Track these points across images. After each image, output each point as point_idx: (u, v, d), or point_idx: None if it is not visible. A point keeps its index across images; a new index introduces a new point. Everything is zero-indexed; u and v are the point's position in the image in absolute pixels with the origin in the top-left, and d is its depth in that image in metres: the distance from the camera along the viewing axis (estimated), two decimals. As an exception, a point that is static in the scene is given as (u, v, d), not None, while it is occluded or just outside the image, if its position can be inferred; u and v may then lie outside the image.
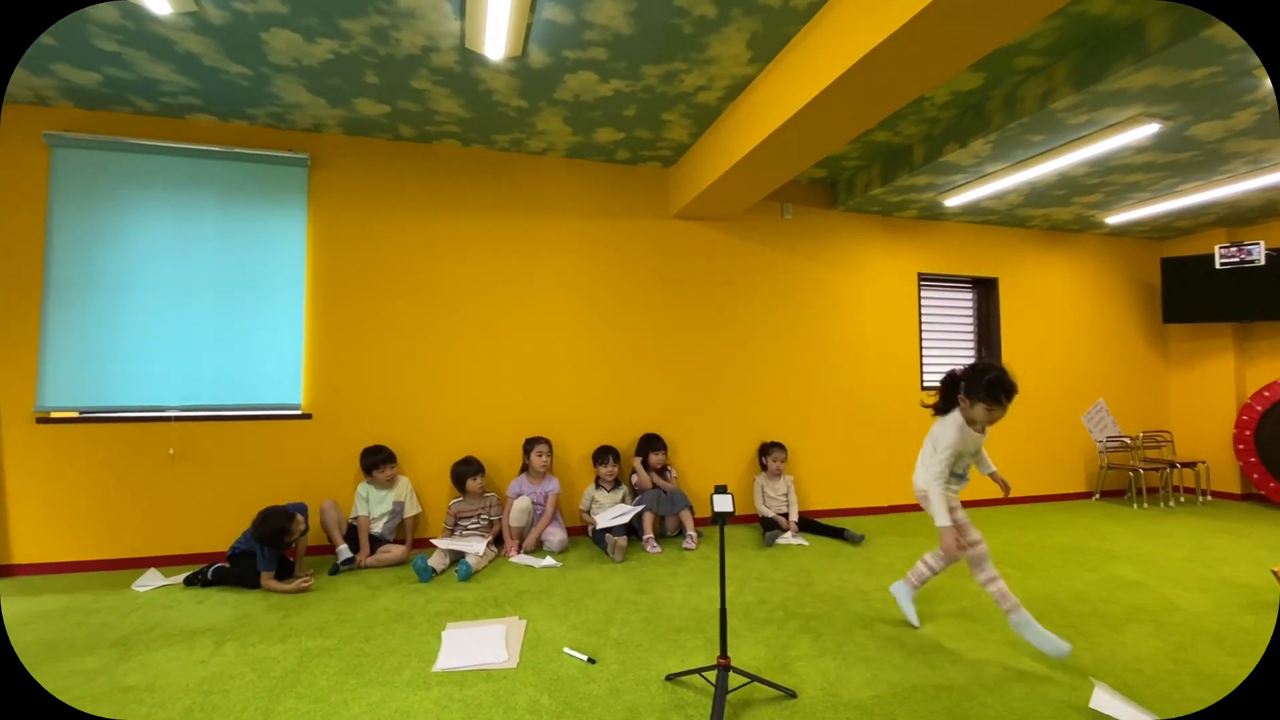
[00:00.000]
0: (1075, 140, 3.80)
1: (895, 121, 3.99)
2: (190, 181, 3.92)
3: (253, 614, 2.93)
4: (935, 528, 2.54)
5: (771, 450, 4.71)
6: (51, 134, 3.68)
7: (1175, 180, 4.64)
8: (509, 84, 3.51)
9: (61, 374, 3.67)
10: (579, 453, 4.56)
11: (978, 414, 2.51)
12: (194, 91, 3.58)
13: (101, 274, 3.76)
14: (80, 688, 2.21)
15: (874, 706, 2.08)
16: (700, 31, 3.01)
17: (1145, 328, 6.39)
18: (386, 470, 3.91)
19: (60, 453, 3.67)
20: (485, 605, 3.03)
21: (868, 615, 2.90)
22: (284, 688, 2.20)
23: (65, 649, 2.55)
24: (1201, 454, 6.14)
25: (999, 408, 2.46)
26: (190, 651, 2.52)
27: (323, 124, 4.01)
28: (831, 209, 5.31)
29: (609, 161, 4.72)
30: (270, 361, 3.98)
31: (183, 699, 2.13)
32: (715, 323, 4.93)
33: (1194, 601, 3.10)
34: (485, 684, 2.22)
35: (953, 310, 5.89)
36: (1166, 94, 3.26)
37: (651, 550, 4.00)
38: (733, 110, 3.75)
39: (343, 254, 4.17)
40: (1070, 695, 2.15)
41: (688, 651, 2.50)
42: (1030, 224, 5.84)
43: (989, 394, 2.45)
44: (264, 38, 3.04)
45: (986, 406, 2.47)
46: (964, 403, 2.55)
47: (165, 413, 3.81)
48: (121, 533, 3.73)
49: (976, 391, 2.48)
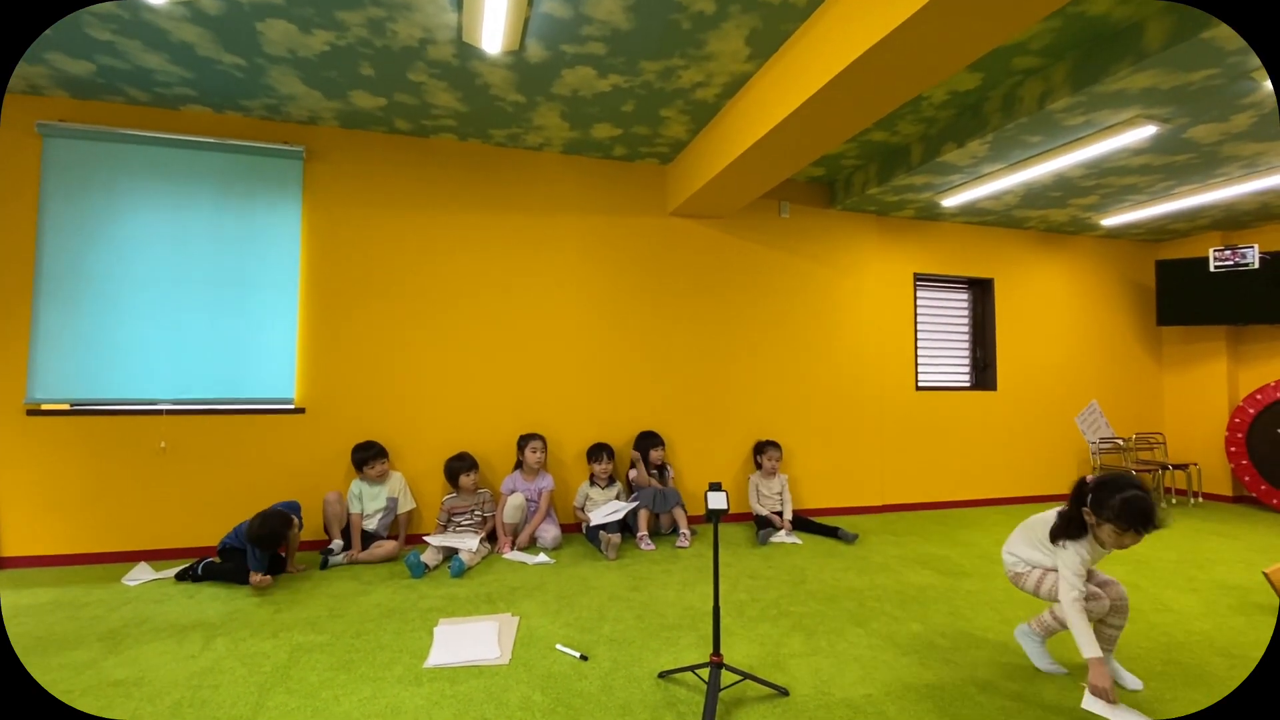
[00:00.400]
0: (1072, 141, 3.81)
1: (893, 121, 3.99)
2: (184, 173, 3.88)
3: (244, 609, 2.92)
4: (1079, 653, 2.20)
5: (766, 449, 4.71)
6: (44, 124, 3.64)
7: (1171, 183, 4.65)
8: (506, 78, 3.49)
9: (53, 366, 3.64)
10: (573, 450, 4.55)
11: (1105, 536, 2.11)
12: (188, 82, 3.55)
13: (94, 265, 3.73)
14: (68, 681, 2.19)
15: (866, 705, 2.08)
16: (699, 27, 2.99)
17: (1139, 330, 6.41)
18: (377, 465, 3.90)
19: (51, 445, 3.64)
20: (478, 602, 3.02)
21: (861, 614, 2.90)
22: (274, 683, 2.19)
23: (54, 642, 2.53)
24: (1194, 456, 6.17)
25: (1133, 536, 2.04)
26: (180, 646, 2.50)
27: (318, 116, 3.99)
28: (829, 208, 5.31)
29: (606, 158, 4.71)
30: (263, 355, 3.95)
31: (172, 693, 2.11)
32: (710, 320, 4.92)
33: (1185, 602, 3.11)
34: (477, 680, 2.21)
35: (948, 310, 5.90)
36: (1164, 96, 3.26)
37: (645, 548, 4.00)
38: (731, 107, 3.74)
39: (338, 248, 4.14)
40: (1061, 696, 2.16)
41: (680, 649, 2.50)
42: (1026, 225, 5.85)
43: (1123, 519, 2.02)
44: (259, 28, 3.02)
45: (1118, 531, 2.05)
46: (1090, 517, 2.14)
47: (157, 406, 3.78)
48: (112, 526, 3.71)
49: (1105, 510, 2.07)
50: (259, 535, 3.20)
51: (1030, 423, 5.91)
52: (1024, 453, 5.87)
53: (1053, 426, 6.00)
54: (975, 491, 5.64)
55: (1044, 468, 5.94)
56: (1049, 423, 5.99)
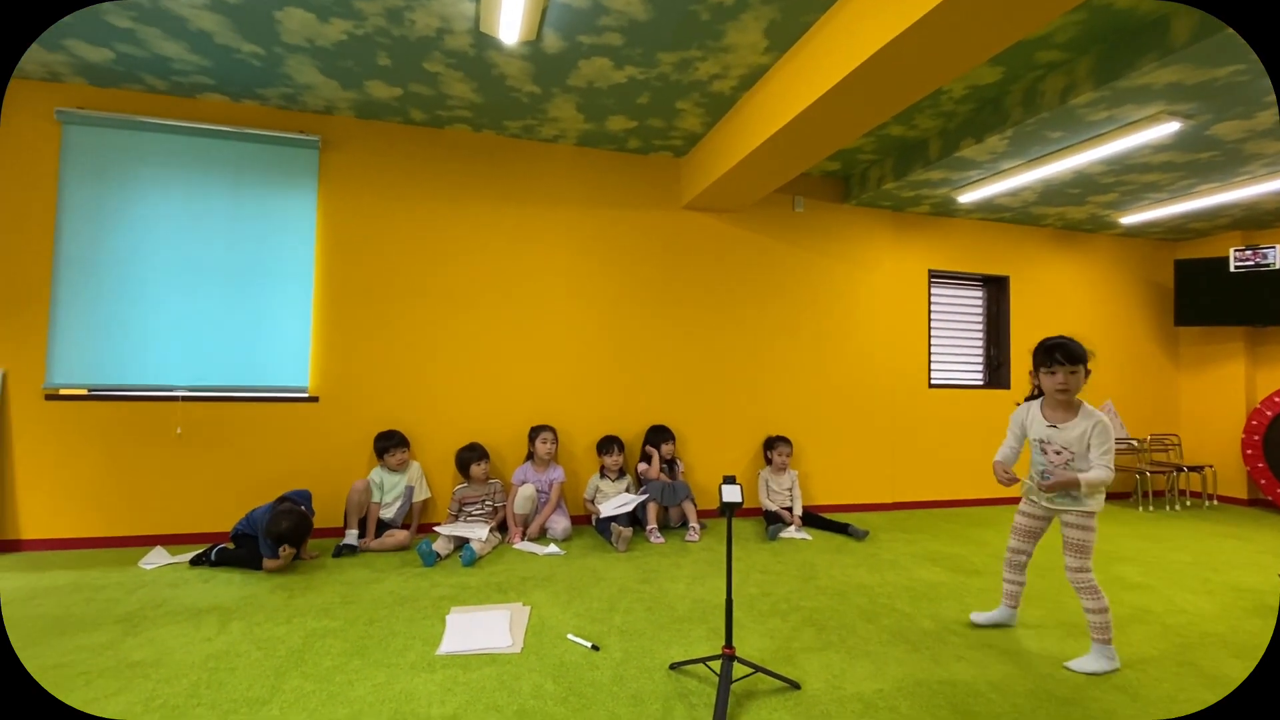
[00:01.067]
0: (1094, 138, 3.76)
1: (911, 115, 3.95)
2: (201, 161, 3.91)
3: (258, 594, 2.95)
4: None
5: (777, 444, 4.70)
6: (63, 110, 3.67)
7: (1193, 181, 4.59)
8: (522, 69, 3.48)
9: (71, 351, 3.68)
10: (584, 442, 4.56)
11: (1043, 384, 2.46)
12: (206, 70, 3.56)
13: (111, 252, 3.76)
14: (88, 662, 2.23)
15: (878, 700, 2.07)
16: (717, 19, 2.97)
17: (1156, 330, 6.34)
18: (397, 454, 3.92)
19: (69, 430, 3.68)
20: (489, 590, 3.04)
21: (871, 610, 2.89)
22: (289, 667, 2.21)
23: (73, 624, 2.56)
24: (1209, 458, 6.11)
25: (1047, 372, 2.40)
26: (196, 629, 2.53)
27: (334, 106, 3.99)
28: (843, 203, 5.27)
29: (620, 150, 4.69)
30: (278, 343, 3.98)
31: (189, 675, 2.14)
32: (722, 315, 4.91)
33: (1199, 604, 3.09)
34: (489, 668, 2.23)
35: (963, 308, 5.85)
36: (1189, 92, 3.21)
37: (655, 541, 4.00)
38: (747, 100, 3.72)
39: (352, 237, 4.16)
40: (1076, 693, 2.14)
41: (691, 641, 2.50)
42: (1044, 222, 5.79)
43: (1035, 359, 2.46)
44: (277, 16, 3.02)
45: (1044, 373, 2.42)
46: (1033, 379, 2.53)
47: (173, 392, 3.82)
48: (128, 510, 3.75)
49: (1034, 365, 2.48)
50: (280, 533, 3.22)
51: (1043, 422, 5.85)
52: (1036, 452, 5.82)
53: (1066, 426, 5.94)
54: (987, 490, 5.61)
55: (1056, 467, 5.88)
56: (1062, 422, 5.93)
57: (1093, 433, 2.34)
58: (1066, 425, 2.39)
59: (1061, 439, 2.39)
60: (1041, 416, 2.47)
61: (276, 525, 3.22)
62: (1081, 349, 2.37)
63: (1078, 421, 2.37)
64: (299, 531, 3.27)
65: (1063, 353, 2.35)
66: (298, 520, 3.27)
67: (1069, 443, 2.38)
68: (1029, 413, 2.52)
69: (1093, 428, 2.34)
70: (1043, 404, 2.48)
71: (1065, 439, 2.39)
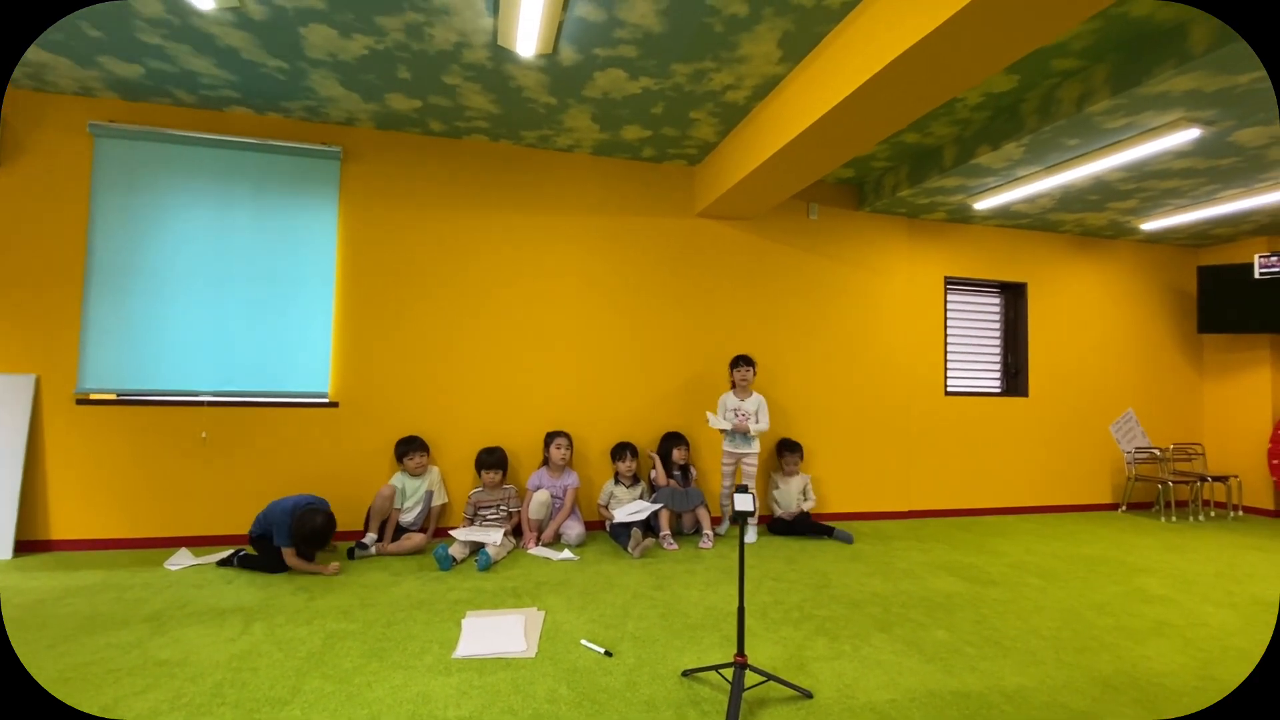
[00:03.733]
0: (1112, 144, 3.73)
1: (926, 123, 3.95)
2: (226, 172, 4.01)
3: (279, 596, 3.01)
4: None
5: (786, 451, 4.71)
6: (95, 124, 3.79)
7: (1215, 187, 4.53)
8: (539, 81, 3.54)
9: (101, 357, 3.79)
10: (599, 448, 4.59)
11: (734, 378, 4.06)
12: (232, 85, 3.66)
13: (141, 261, 3.87)
14: (117, 659, 2.29)
15: (890, 710, 2.07)
16: (731, 30, 3.01)
17: (1179, 337, 6.24)
18: (416, 458, 3.99)
19: (98, 433, 3.79)
20: (504, 595, 3.08)
21: (885, 620, 2.88)
22: (310, 668, 2.26)
23: (102, 622, 2.64)
24: (1234, 468, 5.99)
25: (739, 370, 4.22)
26: (220, 629, 2.59)
27: (355, 118, 4.08)
28: (858, 210, 5.27)
29: (634, 159, 4.74)
30: (300, 350, 4.07)
31: (214, 674, 2.20)
32: (737, 322, 4.92)
33: (1222, 618, 3.04)
34: (504, 672, 2.26)
35: (979, 315, 5.81)
36: (1209, 99, 3.18)
37: (668, 547, 4.02)
38: (761, 109, 3.74)
39: (371, 245, 4.24)
40: (1092, 706, 2.13)
41: (704, 649, 2.51)
42: (1062, 229, 5.74)
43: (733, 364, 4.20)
44: (302, 33, 3.11)
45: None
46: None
47: (198, 397, 3.91)
48: (154, 512, 3.85)
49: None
50: (306, 533, 3.29)
51: (1063, 431, 5.80)
52: (1056, 461, 5.76)
53: (1086, 435, 5.87)
54: (1004, 499, 5.55)
55: (1077, 477, 5.82)
56: (1082, 431, 5.86)
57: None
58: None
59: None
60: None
61: (311, 521, 3.30)
62: None
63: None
64: (329, 530, 3.35)
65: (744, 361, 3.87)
66: (325, 524, 3.34)
67: None
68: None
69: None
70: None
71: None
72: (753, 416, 4.40)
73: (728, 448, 4.44)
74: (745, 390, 4.47)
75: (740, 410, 4.42)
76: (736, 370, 4.46)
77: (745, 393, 4.47)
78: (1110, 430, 5.95)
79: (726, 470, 4.48)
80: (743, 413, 4.41)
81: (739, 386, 4.48)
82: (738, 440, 4.40)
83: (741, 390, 4.48)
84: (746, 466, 4.38)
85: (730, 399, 4.49)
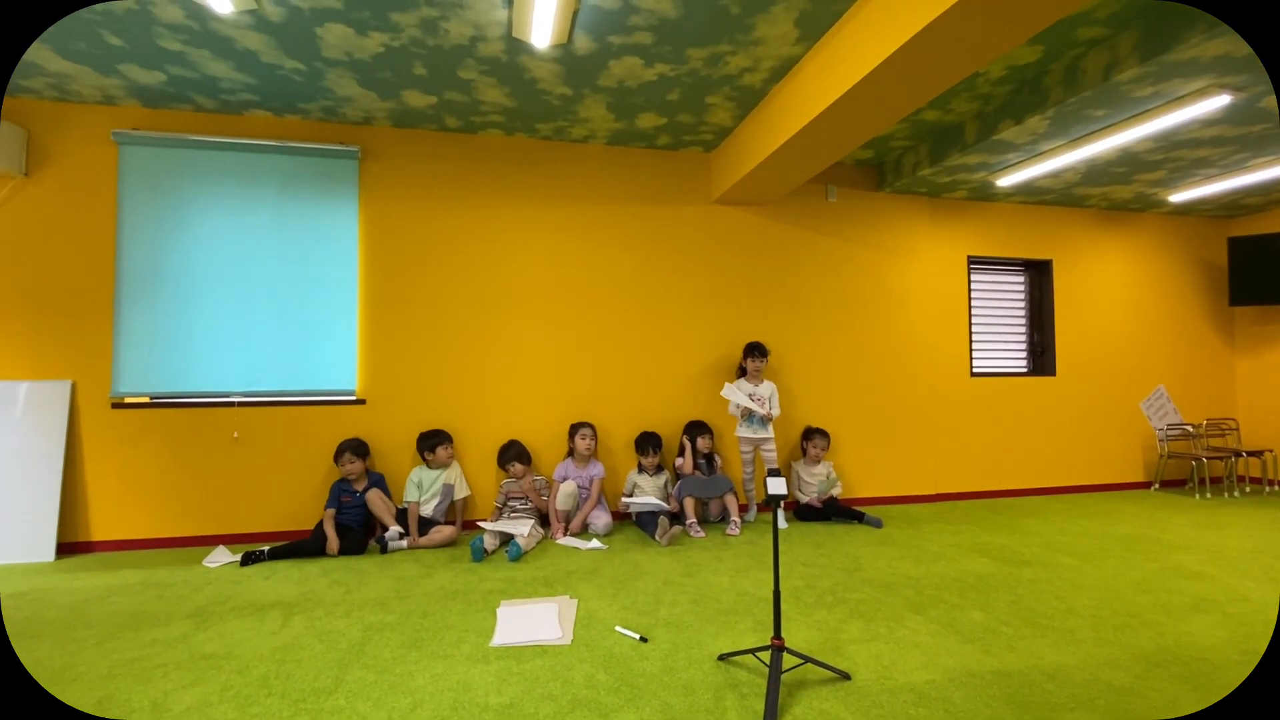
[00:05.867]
0: (1139, 114, 3.65)
1: (946, 99, 3.88)
2: (248, 175, 4.06)
3: (316, 590, 3.06)
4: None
5: (813, 436, 4.68)
6: (119, 132, 3.84)
7: (1245, 155, 4.41)
8: (554, 72, 3.53)
9: (134, 361, 3.87)
10: (622, 438, 4.60)
11: (748, 366, 4.41)
12: (251, 88, 3.70)
13: (168, 266, 3.94)
14: (164, 655, 2.35)
15: (930, 690, 2.06)
16: (747, 12, 2.97)
17: (1210, 311, 6.10)
18: (440, 451, 4.04)
19: (134, 436, 3.87)
20: (536, 585, 3.11)
21: (919, 602, 2.87)
22: (351, 659, 2.30)
23: (146, 619, 2.70)
24: (1269, 442, 5.86)
25: (752, 360, 4.40)
26: (261, 623, 2.64)
27: (372, 117, 4.10)
28: (877, 191, 5.20)
29: (650, 147, 4.72)
30: (326, 349, 4.12)
31: (259, 667, 2.24)
32: (758, 308, 4.90)
33: (1263, 593, 2.98)
34: (542, 659, 2.28)
35: (1004, 294, 5.72)
36: (1239, 64, 3.09)
37: (696, 535, 4.03)
38: (778, 92, 3.70)
39: (392, 242, 4.27)
40: (1135, 682, 2.10)
41: (738, 633, 2.52)
42: (1088, 203, 5.63)
43: (745, 353, 4.43)
44: (318, 32, 3.12)
45: (752, 360, 4.38)
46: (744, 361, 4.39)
47: (229, 398, 3.98)
48: (190, 511, 3.93)
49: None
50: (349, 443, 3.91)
51: (1093, 409, 5.70)
52: (1086, 440, 5.67)
53: (1117, 413, 5.78)
54: (1034, 480, 5.49)
55: (1108, 455, 5.73)
56: (1113, 409, 5.77)
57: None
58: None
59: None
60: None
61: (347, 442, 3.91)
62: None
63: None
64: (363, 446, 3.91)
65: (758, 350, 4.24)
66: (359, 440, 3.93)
67: None
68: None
69: None
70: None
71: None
72: (766, 402, 4.41)
73: (743, 434, 4.46)
74: (757, 377, 4.49)
75: (755, 395, 4.43)
76: (750, 359, 4.48)
77: (757, 379, 4.49)
78: (1141, 407, 5.84)
79: (746, 457, 4.50)
80: (757, 398, 4.42)
81: (752, 374, 4.49)
82: (755, 425, 4.42)
83: (754, 377, 4.49)
84: (766, 453, 4.39)
85: (744, 385, 4.50)
